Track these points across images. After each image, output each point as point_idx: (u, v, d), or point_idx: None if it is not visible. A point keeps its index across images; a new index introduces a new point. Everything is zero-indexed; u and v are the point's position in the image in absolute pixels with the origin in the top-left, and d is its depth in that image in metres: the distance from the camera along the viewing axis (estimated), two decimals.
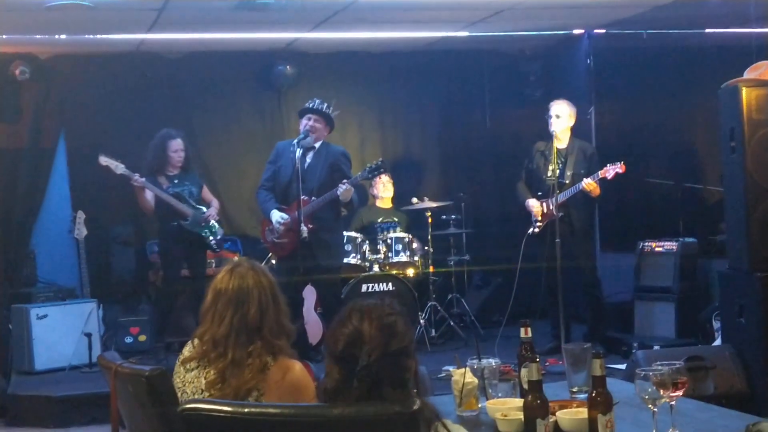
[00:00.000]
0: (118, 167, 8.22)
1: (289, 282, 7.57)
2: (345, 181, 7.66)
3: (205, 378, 3.42)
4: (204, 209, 8.34)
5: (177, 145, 8.33)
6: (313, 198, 7.71)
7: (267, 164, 8.13)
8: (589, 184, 7.75)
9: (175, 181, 8.34)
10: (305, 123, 7.80)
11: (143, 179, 8.15)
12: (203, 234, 8.32)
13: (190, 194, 8.37)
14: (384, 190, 9.43)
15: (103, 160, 8.28)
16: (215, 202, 8.61)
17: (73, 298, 8.84)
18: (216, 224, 8.45)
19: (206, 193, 8.64)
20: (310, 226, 7.64)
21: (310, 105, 7.86)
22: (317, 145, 7.85)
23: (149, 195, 8.24)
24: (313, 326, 8.50)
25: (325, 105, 7.88)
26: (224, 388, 3.35)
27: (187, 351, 3.57)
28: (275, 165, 7.99)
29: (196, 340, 3.52)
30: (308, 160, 7.82)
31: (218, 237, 8.46)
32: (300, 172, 7.61)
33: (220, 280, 3.52)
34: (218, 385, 3.37)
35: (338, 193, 7.63)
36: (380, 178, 9.08)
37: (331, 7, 8.05)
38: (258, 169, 9.99)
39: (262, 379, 3.34)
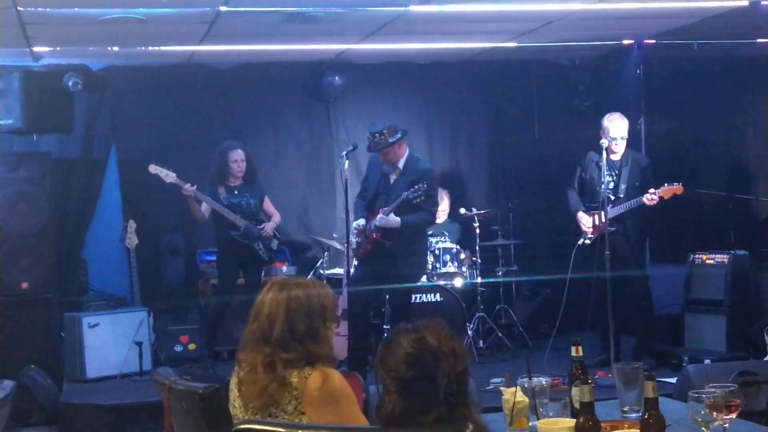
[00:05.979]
0: (169, 176, 8.31)
1: (365, 291, 7.77)
2: (383, 208, 7.67)
3: (238, 384, 3.51)
4: (257, 224, 8.41)
5: (237, 155, 8.43)
6: (385, 209, 7.71)
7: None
8: (652, 199, 7.70)
9: (235, 192, 8.45)
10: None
11: (193, 188, 8.24)
12: (254, 246, 8.39)
13: (248, 206, 8.46)
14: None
15: (153, 169, 8.37)
16: (276, 216, 8.70)
17: (124, 306, 8.95)
18: (273, 239, 8.52)
19: (268, 205, 8.72)
20: (377, 234, 7.68)
21: (368, 144, 7.82)
22: (400, 164, 7.80)
23: (204, 205, 8.33)
24: None
25: (378, 136, 7.68)
26: (246, 391, 3.43)
27: None
28: (367, 178, 8.06)
29: None
30: (393, 177, 7.83)
31: (273, 249, 8.54)
32: (383, 185, 7.78)
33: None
34: (245, 390, 3.45)
35: (376, 224, 7.65)
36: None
37: (380, 19, 8.07)
38: (306, 179, 10.12)
39: (284, 391, 3.39)
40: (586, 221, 8.04)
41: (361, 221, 7.87)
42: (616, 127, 7.92)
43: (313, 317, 3.54)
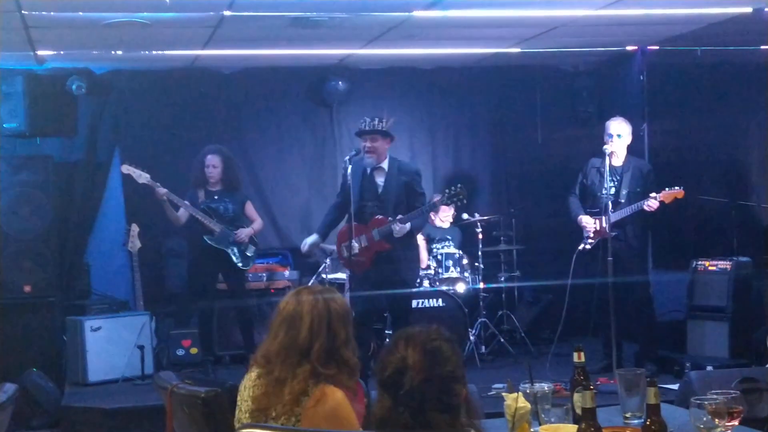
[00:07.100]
0: (141, 176, 8.34)
1: (367, 296, 7.62)
2: (399, 217, 7.57)
3: (253, 391, 3.44)
4: (234, 230, 8.40)
5: (210, 160, 8.46)
6: (390, 218, 7.58)
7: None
8: (651, 206, 7.70)
9: (215, 197, 8.46)
10: (362, 145, 7.71)
11: (165, 190, 8.26)
12: (228, 251, 8.40)
13: (225, 210, 8.45)
14: (441, 221, 9.45)
15: (126, 169, 8.41)
16: (257, 223, 8.68)
17: (126, 310, 8.92)
18: (249, 244, 8.51)
19: (250, 210, 8.70)
20: (387, 245, 7.61)
21: (362, 126, 7.72)
22: (384, 165, 7.69)
23: (182, 209, 8.36)
24: None
25: (377, 121, 7.74)
26: (264, 403, 3.35)
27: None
28: (344, 186, 7.79)
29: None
30: (381, 181, 7.71)
31: (248, 255, 8.51)
32: (370, 191, 7.67)
33: (283, 302, 3.54)
34: (263, 401, 3.37)
35: (395, 234, 7.56)
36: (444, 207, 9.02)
37: (384, 24, 8.07)
38: (309, 183, 10.12)
39: (297, 404, 3.31)
40: (588, 222, 8.03)
41: (314, 237, 7.89)
42: (616, 125, 7.97)
43: (339, 333, 3.43)
